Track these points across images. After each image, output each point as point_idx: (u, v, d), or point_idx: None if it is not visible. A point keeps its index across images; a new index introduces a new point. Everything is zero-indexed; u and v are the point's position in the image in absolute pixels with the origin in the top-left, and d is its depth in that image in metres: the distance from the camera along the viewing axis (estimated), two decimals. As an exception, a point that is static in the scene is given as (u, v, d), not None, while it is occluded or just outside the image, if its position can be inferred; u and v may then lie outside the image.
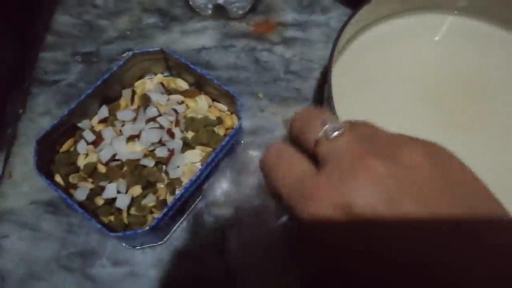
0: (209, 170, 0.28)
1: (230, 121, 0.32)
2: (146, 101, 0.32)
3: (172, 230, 0.29)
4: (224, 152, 0.29)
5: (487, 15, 0.32)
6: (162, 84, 0.32)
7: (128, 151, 0.29)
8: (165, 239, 0.29)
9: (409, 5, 0.32)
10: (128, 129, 0.29)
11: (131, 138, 0.29)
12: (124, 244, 0.29)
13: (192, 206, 0.30)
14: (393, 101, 0.30)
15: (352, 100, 0.30)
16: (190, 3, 0.37)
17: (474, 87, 0.30)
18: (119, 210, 0.28)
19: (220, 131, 0.31)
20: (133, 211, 0.28)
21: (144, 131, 0.29)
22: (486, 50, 0.32)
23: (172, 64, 0.33)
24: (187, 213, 0.30)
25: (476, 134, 0.29)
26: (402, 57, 0.31)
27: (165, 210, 0.25)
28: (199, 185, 0.28)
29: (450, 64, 0.31)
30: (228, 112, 0.32)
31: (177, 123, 0.30)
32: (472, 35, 0.32)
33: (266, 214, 0.26)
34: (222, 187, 0.30)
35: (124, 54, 0.36)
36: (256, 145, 0.32)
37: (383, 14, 0.32)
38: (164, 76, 0.34)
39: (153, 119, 0.30)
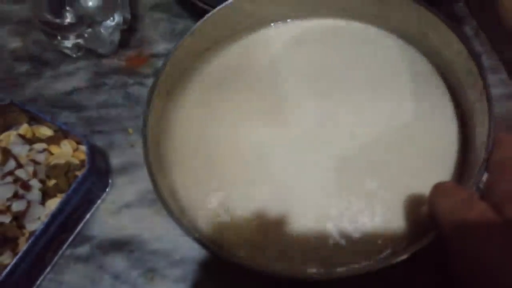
0: (62, 220, 0.28)
1: (95, 162, 0.31)
2: (7, 155, 0.31)
3: (37, 283, 0.29)
4: (79, 197, 0.29)
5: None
6: (20, 135, 0.32)
7: (-20, 210, 0.28)
8: (30, 294, 0.29)
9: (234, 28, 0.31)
10: (-18, 188, 0.29)
11: (-13, 197, 0.29)
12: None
13: (59, 253, 0.30)
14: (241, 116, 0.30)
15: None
16: (58, 48, 0.37)
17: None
18: (-24, 272, 0.28)
19: (83, 174, 0.31)
20: (-10, 271, 0.28)
21: (-5, 188, 0.29)
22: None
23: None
24: (53, 263, 0.29)
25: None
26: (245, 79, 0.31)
27: (4, 273, 0.25)
28: (53, 235, 0.28)
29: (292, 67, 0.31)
30: (94, 154, 0.32)
31: (35, 174, 0.30)
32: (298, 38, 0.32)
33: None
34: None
35: None
36: (126, 182, 0.32)
37: (212, 41, 0.31)
38: (30, 125, 0.34)
39: (10, 173, 0.30)
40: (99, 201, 0.31)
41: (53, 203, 0.30)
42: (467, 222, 0.18)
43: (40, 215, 0.29)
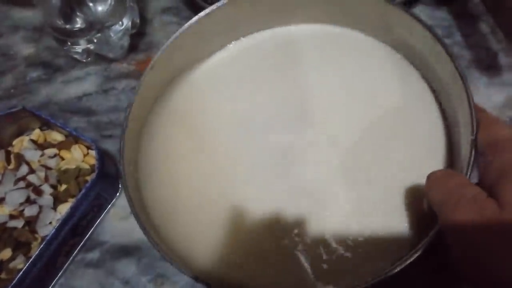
0: (72, 225, 0.28)
1: (105, 167, 0.32)
2: (19, 160, 0.32)
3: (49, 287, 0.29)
4: (89, 202, 0.29)
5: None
6: (32, 140, 0.32)
7: (-6, 215, 0.29)
8: (42, 298, 0.29)
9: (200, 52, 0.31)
10: (-5, 193, 0.30)
11: (0, 202, 0.30)
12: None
13: (71, 258, 0.30)
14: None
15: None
16: (69, 53, 0.37)
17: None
18: (-10, 276, 0.28)
19: (93, 179, 0.31)
20: (3, 275, 0.28)
21: (8, 193, 0.29)
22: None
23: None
24: (64, 268, 0.30)
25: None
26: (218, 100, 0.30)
27: (17, 277, 0.25)
28: (64, 240, 0.28)
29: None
30: (104, 158, 0.32)
31: (46, 179, 0.30)
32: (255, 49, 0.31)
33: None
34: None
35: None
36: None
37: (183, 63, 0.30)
38: (42, 130, 0.34)
39: (23, 178, 0.30)
40: (109, 206, 0.32)
41: (64, 208, 0.30)
42: (459, 210, 0.18)
43: (51, 220, 0.29)
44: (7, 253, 0.28)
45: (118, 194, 0.32)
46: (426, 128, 0.27)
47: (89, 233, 0.31)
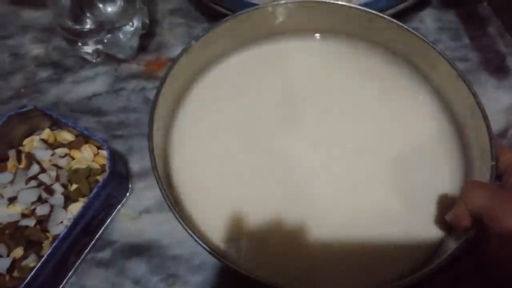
0: (84, 224, 0.28)
1: (116, 167, 0.32)
2: (30, 159, 0.32)
3: (60, 287, 0.29)
4: (101, 202, 0.29)
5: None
6: (43, 140, 0.32)
7: (6, 213, 0.29)
8: (52, 297, 0.29)
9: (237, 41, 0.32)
10: (8, 192, 0.30)
11: (12, 200, 0.30)
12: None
13: (82, 257, 0.30)
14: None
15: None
16: (78, 54, 0.37)
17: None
18: (2, 274, 0.28)
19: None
20: (16, 273, 0.28)
21: (20, 192, 0.29)
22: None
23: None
24: (75, 266, 0.30)
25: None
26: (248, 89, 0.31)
27: (29, 276, 0.25)
28: (76, 239, 0.28)
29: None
30: (114, 158, 0.33)
31: (57, 178, 0.31)
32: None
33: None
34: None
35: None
36: (146, 187, 0.32)
37: (217, 53, 0.32)
38: (52, 130, 0.34)
39: (34, 177, 0.31)
40: (119, 206, 0.32)
41: (75, 208, 0.30)
42: (506, 205, 0.19)
43: (63, 219, 0.30)
44: (19, 251, 0.28)
45: (128, 194, 0.32)
46: (442, 150, 0.29)
47: (100, 232, 0.31)
